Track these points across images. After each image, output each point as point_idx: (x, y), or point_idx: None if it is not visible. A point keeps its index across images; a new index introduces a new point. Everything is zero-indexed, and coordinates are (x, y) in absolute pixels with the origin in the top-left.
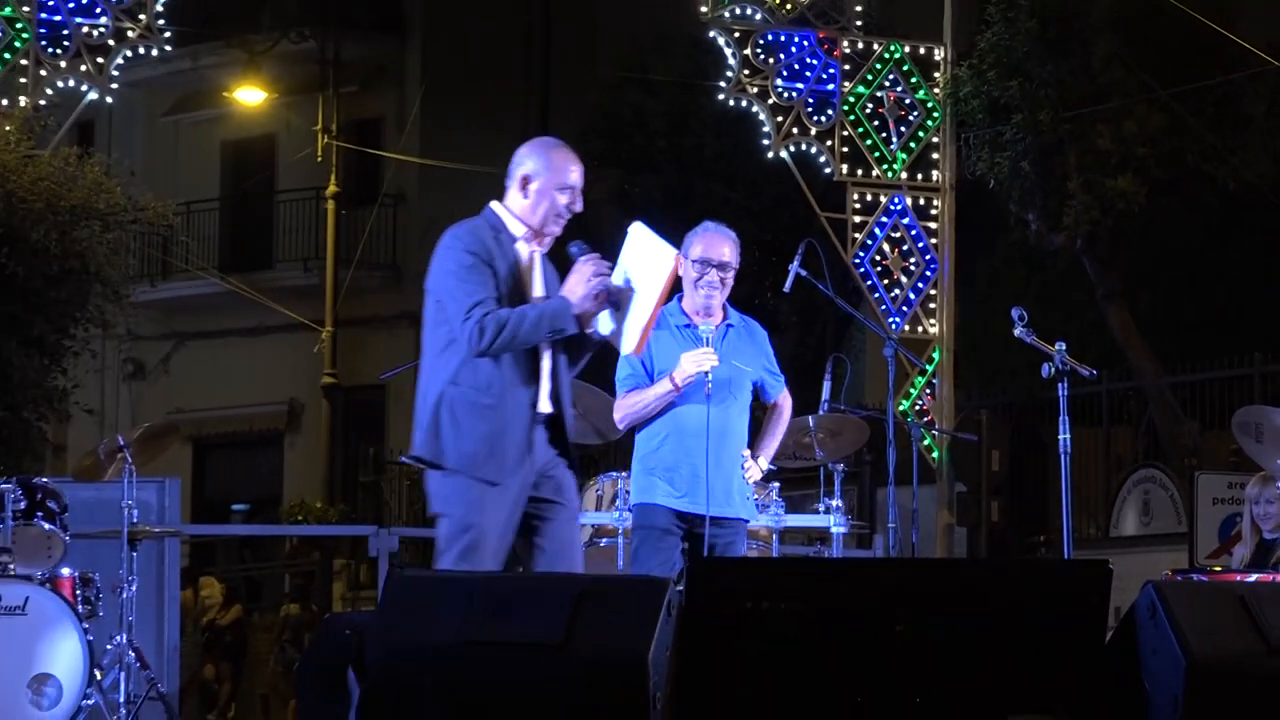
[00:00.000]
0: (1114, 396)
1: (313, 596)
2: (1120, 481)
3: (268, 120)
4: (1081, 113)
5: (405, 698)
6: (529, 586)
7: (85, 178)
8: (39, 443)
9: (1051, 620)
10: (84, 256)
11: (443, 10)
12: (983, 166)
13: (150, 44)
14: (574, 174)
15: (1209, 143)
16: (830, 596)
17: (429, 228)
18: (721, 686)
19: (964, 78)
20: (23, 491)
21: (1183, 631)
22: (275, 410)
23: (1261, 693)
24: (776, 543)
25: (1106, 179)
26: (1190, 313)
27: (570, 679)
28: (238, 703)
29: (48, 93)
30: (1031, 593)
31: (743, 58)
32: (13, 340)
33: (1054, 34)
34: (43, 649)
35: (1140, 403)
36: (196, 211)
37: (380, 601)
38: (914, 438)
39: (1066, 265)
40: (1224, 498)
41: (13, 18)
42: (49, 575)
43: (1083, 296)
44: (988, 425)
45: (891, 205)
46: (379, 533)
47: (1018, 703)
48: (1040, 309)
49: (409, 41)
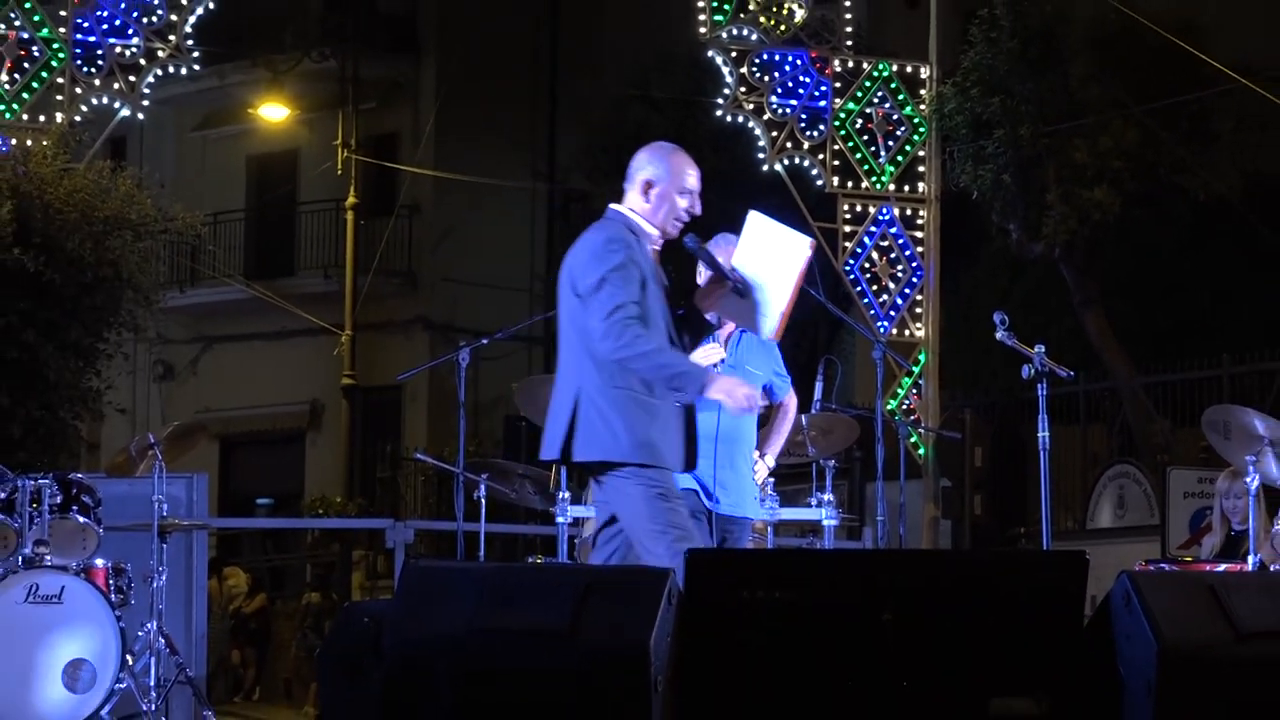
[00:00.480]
0: (1090, 396)
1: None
2: (1096, 477)
3: (290, 135)
4: (1059, 128)
5: (421, 682)
6: (537, 578)
7: (118, 190)
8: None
9: (1031, 608)
10: (117, 264)
11: (455, 31)
12: (966, 179)
13: (179, 63)
14: (692, 178)
15: (1180, 157)
16: (822, 586)
17: (443, 237)
18: (719, 671)
19: (948, 95)
20: (59, 487)
21: (1155, 619)
22: (297, 410)
23: (1229, 676)
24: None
25: (1083, 191)
26: (1162, 318)
27: (576, 665)
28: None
29: (83, 109)
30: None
31: (739, 76)
32: (50, 344)
33: (1034, 54)
34: (78, 635)
35: (1115, 402)
36: (223, 222)
37: (397, 591)
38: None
39: (1045, 273)
40: (1194, 492)
41: (50, 38)
42: (84, 566)
43: (1061, 302)
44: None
45: (880, 216)
46: (395, 526)
47: (1000, 686)
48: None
49: (424, 61)
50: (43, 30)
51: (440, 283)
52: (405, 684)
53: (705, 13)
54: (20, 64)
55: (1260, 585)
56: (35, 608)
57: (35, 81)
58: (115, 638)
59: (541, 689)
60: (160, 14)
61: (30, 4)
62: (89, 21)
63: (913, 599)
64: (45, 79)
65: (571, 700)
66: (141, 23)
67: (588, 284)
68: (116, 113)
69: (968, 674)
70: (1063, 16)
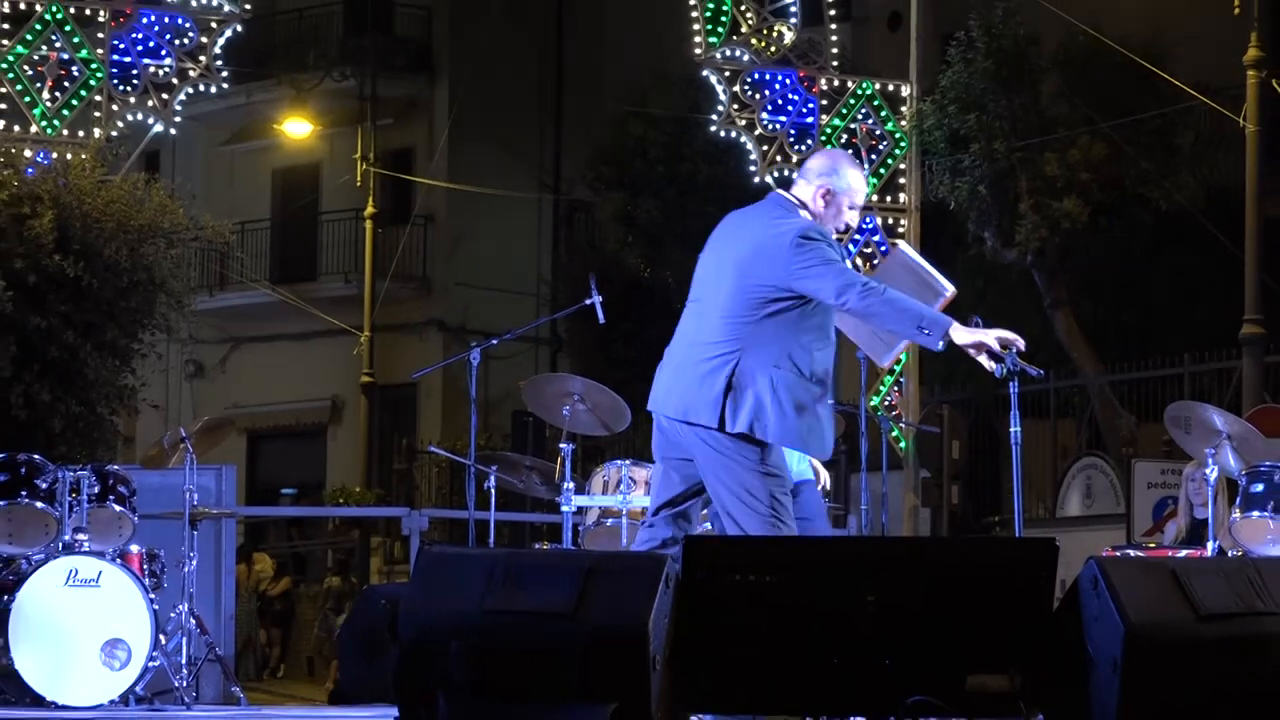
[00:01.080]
0: (1060, 393)
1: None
2: (1065, 468)
3: (313, 150)
4: (1031, 142)
5: (435, 660)
6: (543, 562)
7: (152, 200)
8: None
9: (1005, 591)
10: (151, 270)
11: (467, 54)
12: (944, 190)
13: (209, 82)
14: (863, 195)
15: (1144, 169)
16: (810, 570)
17: (455, 244)
18: (714, 650)
19: (927, 112)
20: (96, 477)
21: (1121, 601)
22: (319, 406)
23: (1191, 655)
24: None
25: (1053, 201)
26: (1127, 319)
27: (580, 643)
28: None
29: (119, 125)
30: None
31: (732, 94)
32: (88, 344)
33: (1007, 73)
34: (115, 617)
35: (1083, 399)
36: (250, 230)
37: (412, 574)
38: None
39: (1018, 277)
40: (1157, 483)
41: (89, 59)
42: (120, 552)
43: (1032, 305)
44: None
45: (864, 224)
46: (410, 514)
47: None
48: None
49: (437, 80)
50: (82, 51)
51: (453, 287)
52: (420, 661)
53: (700, 35)
54: (61, 83)
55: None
56: (75, 590)
57: (75, 99)
58: (149, 619)
59: (547, 665)
60: (191, 36)
61: (70, 27)
62: (125, 43)
63: (894, 582)
64: (84, 97)
65: (575, 677)
66: (174, 44)
67: (803, 262)
68: (150, 128)
69: (945, 652)
70: (1034, 39)
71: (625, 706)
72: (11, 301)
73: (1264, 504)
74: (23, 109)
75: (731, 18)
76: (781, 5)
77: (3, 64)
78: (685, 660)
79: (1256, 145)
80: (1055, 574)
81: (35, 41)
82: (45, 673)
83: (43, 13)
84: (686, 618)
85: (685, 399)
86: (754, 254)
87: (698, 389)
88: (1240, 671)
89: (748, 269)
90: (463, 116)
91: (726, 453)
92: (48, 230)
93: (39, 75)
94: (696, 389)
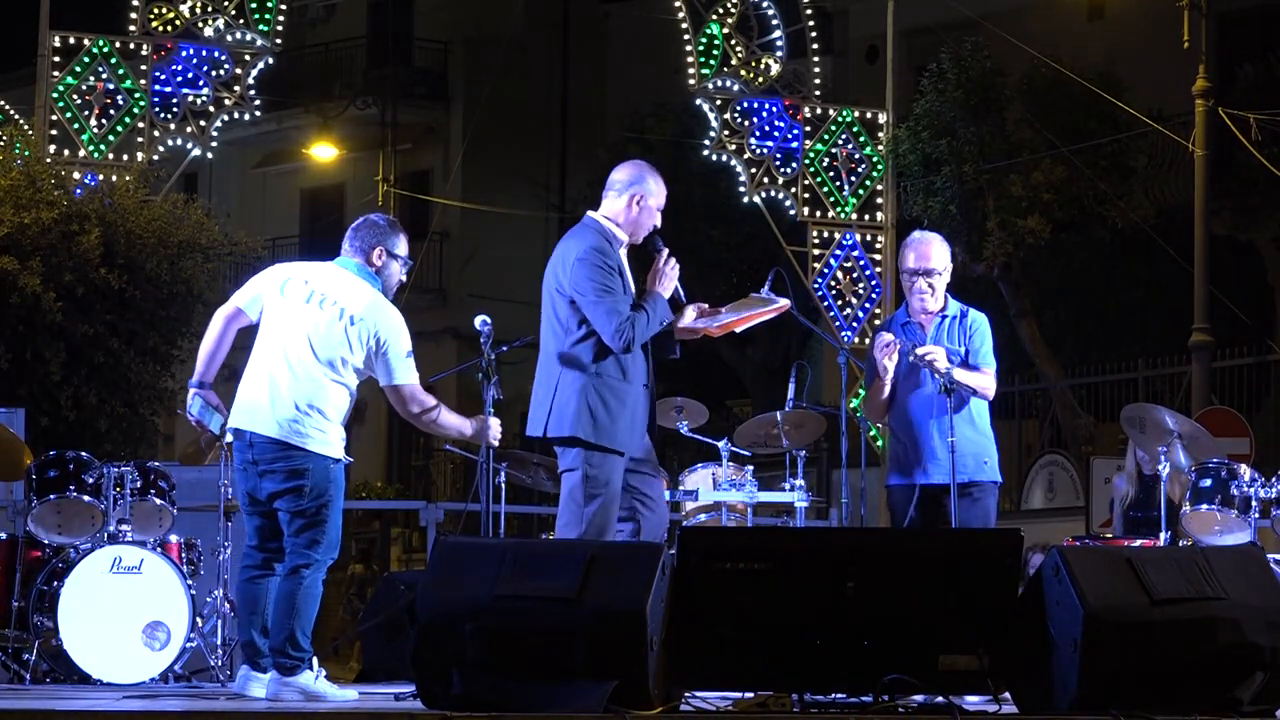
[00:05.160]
0: (1024, 395)
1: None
2: (1029, 465)
3: (338, 172)
4: (998, 165)
5: (450, 640)
6: (549, 551)
7: (190, 219)
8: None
9: (974, 578)
10: (189, 282)
11: (481, 84)
12: (918, 209)
13: (243, 110)
14: (664, 195)
15: (1101, 190)
16: (794, 559)
17: (469, 259)
18: (706, 632)
19: (902, 137)
20: (138, 473)
21: (1081, 587)
22: None
23: (1145, 636)
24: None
25: (1018, 219)
26: (1086, 327)
27: (583, 625)
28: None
29: (160, 150)
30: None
31: (723, 121)
32: (131, 350)
33: (975, 102)
34: (155, 601)
35: (1045, 401)
36: (280, 246)
37: (429, 563)
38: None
39: (986, 289)
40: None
41: (132, 89)
42: (160, 541)
43: (998, 315)
44: None
45: (844, 241)
46: (428, 507)
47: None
48: None
49: (453, 108)
50: (126, 82)
51: (466, 298)
52: (436, 641)
53: (694, 67)
54: (106, 111)
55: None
56: (118, 577)
57: (119, 126)
58: (187, 603)
59: (553, 646)
60: (227, 68)
61: (116, 60)
62: (166, 75)
63: (872, 570)
64: (128, 124)
65: (578, 657)
66: (211, 75)
67: (584, 292)
68: (189, 152)
69: (919, 634)
70: (1000, 70)
71: (625, 684)
72: (61, 311)
73: (1212, 497)
74: (72, 135)
75: (723, 51)
76: (769, 40)
77: (54, 94)
78: (680, 642)
79: (1204, 168)
80: (1020, 562)
81: (83, 73)
82: (92, 652)
83: (90, 46)
84: (682, 602)
85: (533, 418)
86: (555, 277)
87: (537, 408)
88: (1190, 651)
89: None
90: (476, 141)
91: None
92: (94, 246)
93: (87, 104)
94: (537, 408)
